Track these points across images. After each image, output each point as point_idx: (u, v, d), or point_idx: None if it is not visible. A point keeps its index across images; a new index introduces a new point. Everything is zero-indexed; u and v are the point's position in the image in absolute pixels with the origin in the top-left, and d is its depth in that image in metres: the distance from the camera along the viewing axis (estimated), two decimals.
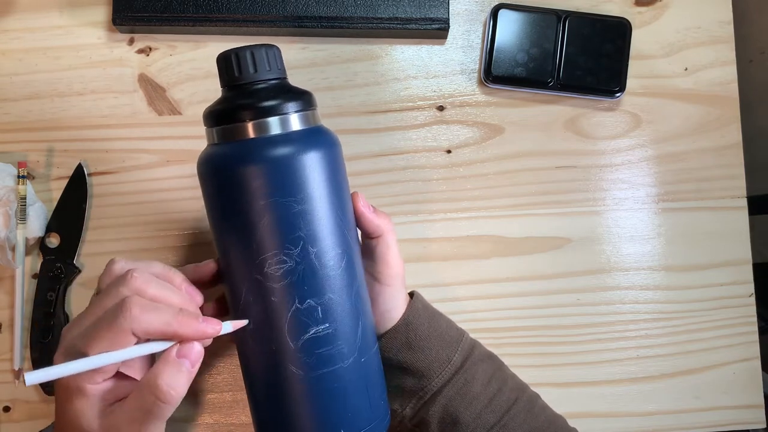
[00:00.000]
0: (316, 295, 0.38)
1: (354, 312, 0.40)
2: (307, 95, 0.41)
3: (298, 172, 0.37)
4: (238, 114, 0.38)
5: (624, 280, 0.58)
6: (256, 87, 0.39)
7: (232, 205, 0.38)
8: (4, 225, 0.53)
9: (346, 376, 0.39)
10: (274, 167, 0.37)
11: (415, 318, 0.45)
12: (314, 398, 0.39)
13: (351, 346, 0.39)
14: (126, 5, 0.55)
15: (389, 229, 0.44)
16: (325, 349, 0.39)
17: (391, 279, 0.45)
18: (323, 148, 0.39)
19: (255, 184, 0.37)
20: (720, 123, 0.58)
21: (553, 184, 0.58)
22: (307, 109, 0.40)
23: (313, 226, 0.38)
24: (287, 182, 0.37)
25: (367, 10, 0.55)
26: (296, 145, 0.38)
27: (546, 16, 0.56)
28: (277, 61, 0.40)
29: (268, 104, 0.38)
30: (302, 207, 0.37)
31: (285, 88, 0.40)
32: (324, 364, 0.39)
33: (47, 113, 0.57)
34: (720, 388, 0.57)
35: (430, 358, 0.45)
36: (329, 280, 0.39)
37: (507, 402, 0.45)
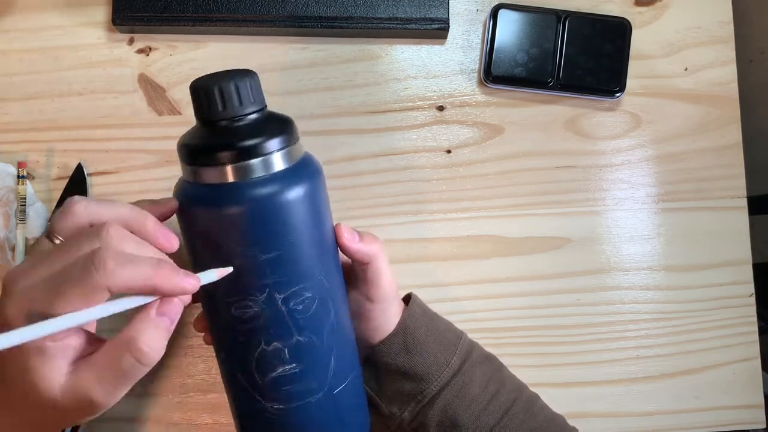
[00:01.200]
0: (282, 338, 0.37)
1: (326, 350, 0.39)
2: (289, 127, 0.37)
3: (273, 219, 0.35)
4: (215, 156, 0.35)
5: (624, 280, 0.58)
6: (234, 125, 0.36)
7: (204, 246, 0.37)
8: (3, 225, 0.53)
9: (317, 410, 0.39)
10: (248, 215, 0.35)
11: (413, 322, 0.45)
12: (284, 429, 0.39)
13: (321, 381, 0.39)
14: (126, 5, 0.55)
15: (378, 254, 0.43)
16: (293, 386, 0.38)
17: (382, 299, 0.44)
18: (304, 187, 0.36)
19: (226, 231, 0.35)
20: (720, 123, 0.58)
21: (553, 184, 0.58)
22: (289, 145, 0.37)
23: (283, 273, 0.36)
24: (259, 230, 0.35)
25: (367, 10, 0.55)
26: (276, 188, 0.35)
27: (546, 16, 0.56)
28: (256, 91, 0.36)
29: (248, 144, 0.35)
30: (272, 255, 0.35)
31: (266, 123, 0.37)
32: (292, 400, 0.38)
33: (47, 113, 0.57)
34: (720, 388, 0.57)
35: (428, 362, 0.45)
36: (297, 324, 0.37)
37: (506, 403, 0.45)
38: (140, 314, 0.33)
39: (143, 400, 0.55)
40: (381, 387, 0.46)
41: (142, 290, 0.33)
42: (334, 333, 0.39)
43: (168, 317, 0.33)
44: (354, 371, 0.42)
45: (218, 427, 0.55)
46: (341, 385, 0.40)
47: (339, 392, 0.40)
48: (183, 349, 0.56)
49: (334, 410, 0.40)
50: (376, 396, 0.46)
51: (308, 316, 0.37)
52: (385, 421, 0.46)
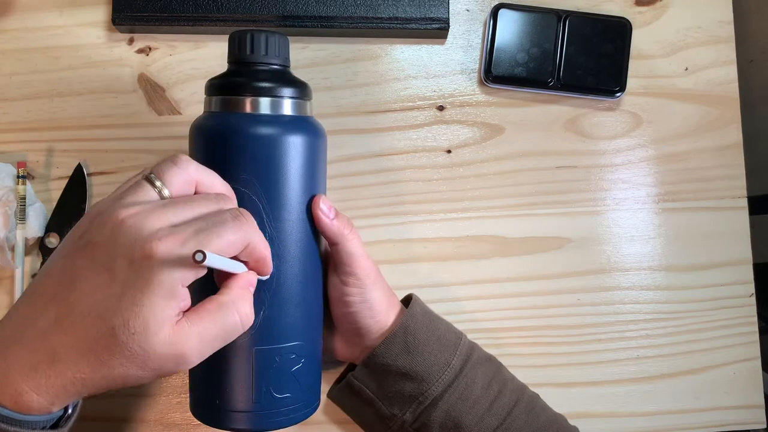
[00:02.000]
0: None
1: (255, 299, 0.38)
2: (303, 86, 0.43)
3: (272, 153, 0.40)
4: (235, 88, 0.41)
5: (624, 280, 0.58)
6: (258, 68, 0.42)
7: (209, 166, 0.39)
8: (3, 225, 0.52)
9: (235, 354, 0.40)
10: (252, 144, 0.40)
11: (413, 323, 0.45)
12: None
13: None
14: (126, 5, 0.55)
15: (347, 237, 0.43)
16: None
17: (360, 284, 0.44)
18: (304, 137, 0.41)
19: (231, 155, 0.40)
20: (720, 123, 0.58)
21: (553, 184, 0.58)
22: (299, 98, 0.42)
23: (270, 206, 0.40)
24: (259, 160, 0.40)
25: (367, 10, 0.55)
26: (279, 128, 0.41)
27: (546, 16, 0.56)
28: (282, 50, 0.42)
29: (264, 85, 0.41)
30: (261, 187, 0.40)
31: (284, 76, 0.42)
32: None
33: (47, 113, 0.57)
34: (720, 388, 0.57)
35: (429, 362, 0.45)
36: None
37: (508, 404, 0.45)
38: (241, 283, 0.36)
39: (143, 400, 0.55)
40: (381, 388, 0.46)
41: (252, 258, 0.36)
42: (271, 288, 0.41)
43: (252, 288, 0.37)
44: (287, 343, 0.41)
45: None
46: (266, 346, 0.41)
47: (261, 351, 0.41)
48: None
49: (250, 365, 0.40)
50: (376, 397, 0.46)
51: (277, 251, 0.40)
52: (386, 423, 0.46)
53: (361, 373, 0.46)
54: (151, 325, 0.31)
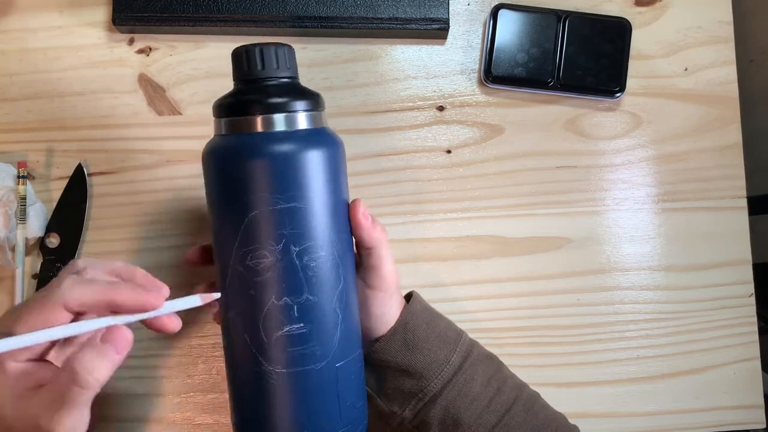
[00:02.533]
0: (293, 293, 0.38)
1: (333, 316, 0.39)
2: (316, 96, 0.41)
3: (293, 171, 0.38)
4: (246, 107, 0.39)
5: (624, 280, 0.58)
6: (267, 83, 0.40)
7: (227, 194, 0.39)
8: (4, 225, 0.53)
9: (317, 379, 0.39)
10: (271, 164, 0.38)
11: (413, 319, 0.45)
12: (281, 395, 0.39)
13: (326, 349, 0.39)
14: (126, 5, 0.55)
15: (382, 241, 0.44)
16: (298, 348, 0.39)
17: (384, 287, 0.44)
18: (324, 149, 0.39)
19: (250, 178, 0.37)
20: (720, 123, 0.58)
21: (553, 184, 0.58)
22: (314, 110, 0.40)
23: (300, 226, 0.38)
24: (281, 180, 0.38)
25: (367, 10, 0.55)
26: (297, 144, 0.38)
27: (546, 16, 0.56)
28: (290, 61, 0.40)
29: (276, 101, 0.39)
30: (291, 206, 0.38)
31: (295, 88, 0.41)
32: (295, 363, 0.39)
33: (47, 113, 0.57)
34: (720, 388, 0.57)
35: (428, 359, 0.45)
36: (309, 281, 0.38)
37: (507, 402, 0.45)
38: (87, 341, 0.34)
39: (143, 400, 0.55)
40: (381, 385, 0.46)
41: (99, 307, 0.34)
42: (342, 302, 0.40)
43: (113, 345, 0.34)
44: (356, 351, 0.42)
45: (218, 427, 0.55)
46: (344, 360, 0.40)
47: (341, 366, 0.40)
48: (183, 349, 0.56)
49: (334, 384, 0.40)
50: (375, 394, 0.46)
51: (320, 275, 0.39)
52: (385, 420, 0.46)
53: None
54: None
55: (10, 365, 0.33)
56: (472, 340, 0.48)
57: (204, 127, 0.56)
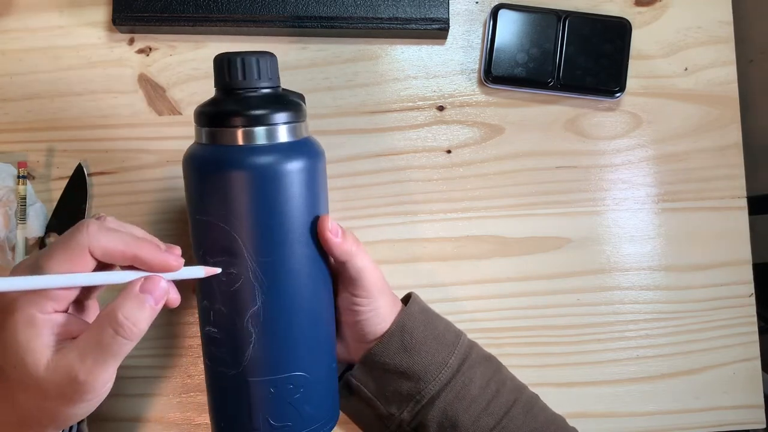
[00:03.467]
0: (209, 299, 0.40)
1: (244, 333, 0.40)
2: (297, 107, 0.41)
3: (225, 187, 0.38)
4: (225, 119, 0.39)
5: (624, 280, 0.58)
6: (249, 94, 0.40)
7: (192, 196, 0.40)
8: (4, 225, 0.53)
9: (228, 383, 0.41)
10: (195, 177, 0.39)
11: (410, 321, 0.45)
12: (210, 385, 0.43)
13: (236, 360, 0.40)
14: (126, 5, 0.55)
15: (355, 253, 0.43)
16: (213, 348, 0.41)
17: (368, 295, 0.44)
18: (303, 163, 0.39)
19: (187, 184, 0.40)
20: (720, 123, 0.58)
21: (553, 184, 0.58)
22: (295, 122, 0.40)
23: (211, 239, 0.39)
24: (202, 193, 0.39)
25: (367, 10, 0.55)
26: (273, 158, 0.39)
27: (546, 16, 0.56)
28: (272, 70, 0.40)
29: (258, 113, 0.39)
30: (205, 219, 0.39)
31: (277, 98, 0.40)
32: (212, 360, 0.42)
33: (47, 113, 0.57)
34: (720, 388, 0.57)
35: (426, 361, 0.45)
36: (220, 292, 0.40)
37: (506, 404, 0.45)
38: (125, 289, 0.34)
39: (143, 400, 0.55)
40: (379, 387, 0.46)
41: (123, 259, 0.34)
42: (257, 323, 0.40)
43: (151, 295, 0.34)
44: (282, 374, 0.41)
45: None
46: (259, 378, 0.40)
47: (255, 382, 0.40)
48: (183, 349, 0.56)
49: (246, 395, 0.41)
50: (374, 397, 0.46)
51: (230, 291, 0.39)
52: (383, 422, 0.46)
53: (359, 372, 0.46)
54: (26, 355, 0.32)
55: (39, 317, 0.33)
56: (471, 342, 0.48)
57: None
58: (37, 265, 0.33)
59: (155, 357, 0.55)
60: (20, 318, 0.33)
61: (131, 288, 0.34)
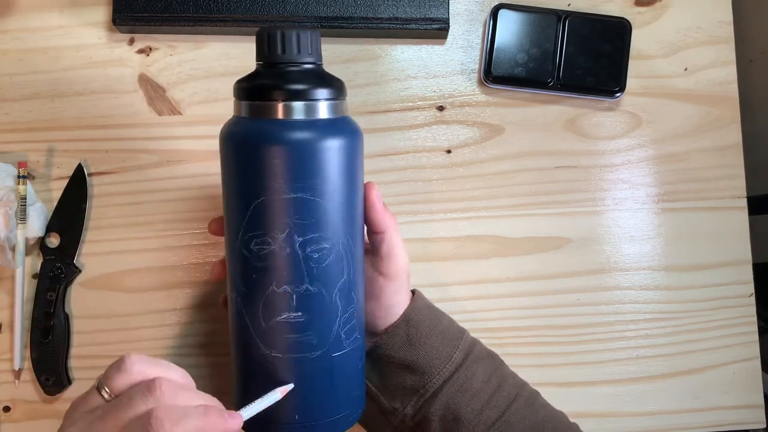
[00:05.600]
0: (293, 283, 0.38)
1: (332, 308, 0.39)
2: (337, 84, 0.40)
3: (306, 161, 0.37)
4: (266, 93, 0.38)
5: (624, 280, 0.58)
6: (290, 68, 0.39)
7: (239, 177, 0.38)
8: (4, 225, 0.53)
9: (312, 367, 0.39)
10: (284, 152, 0.37)
11: (416, 315, 0.46)
12: (277, 379, 0.39)
13: (323, 339, 0.39)
14: (126, 5, 0.55)
15: (394, 226, 0.44)
16: (295, 336, 0.39)
17: (395, 274, 0.45)
18: (340, 141, 0.39)
19: (263, 164, 0.37)
20: (720, 123, 0.58)
21: (553, 184, 0.58)
22: (334, 99, 0.39)
23: (306, 217, 0.38)
24: (292, 169, 0.37)
25: (367, 10, 0.55)
26: (313, 134, 0.38)
27: (546, 16, 0.56)
28: (315, 45, 0.39)
29: (296, 88, 0.38)
30: (298, 196, 0.37)
31: (319, 75, 0.40)
32: (291, 350, 0.39)
33: (47, 113, 0.57)
34: (720, 388, 0.57)
35: (431, 356, 0.45)
36: (310, 273, 0.38)
37: (508, 398, 0.45)
38: None
39: None
40: (383, 381, 0.46)
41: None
42: (343, 294, 0.40)
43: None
44: (356, 343, 0.42)
45: None
46: (341, 351, 0.40)
47: (338, 357, 0.40)
48: (183, 349, 0.56)
49: (329, 374, 0.40)
50: (377, 391, 0.46)
51: (322, 267, 0.38)
52: (387, 417, 0.46)
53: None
54: None
55: None
56: (474, 338, 0.48)
57: (204, 127, 0.56)
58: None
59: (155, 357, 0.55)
60: None
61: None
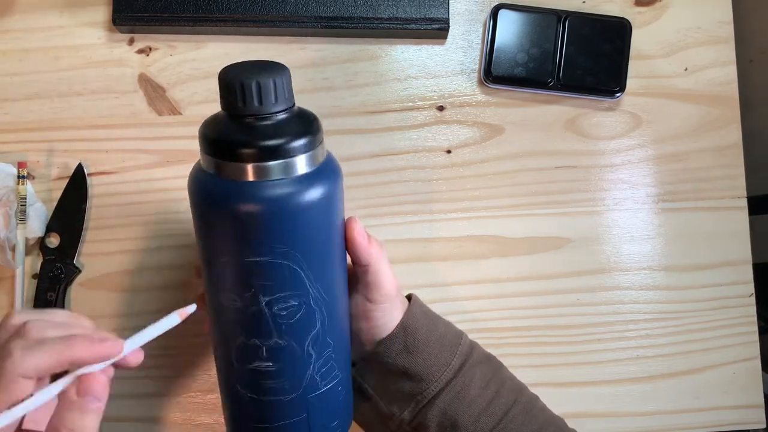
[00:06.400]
0: (262, 336, 0.38)
1: (305, 357, 0.39)
2: (314, 128, 0.36)
3: (274, 226, 0.35)
4: (238, 153, 0.34)
5: (624, 280, 0.58)
6: (262, 123, 0.35)
7: (204, 232, 0.37)
8: (4, 225, 0.53)
9: (286, 408, 0.40)
10: (252, 217, 0.35)
11: (413, 322, 0.45)
12: (253, 416, 0.40)
13: (295, 385, 0.39)
14: (126, 5, 0.55)
15: (379, 257, 0.43)
16: (266, 382, 0.39)
17: (383, 299, 0.44)
18: (315, 197, 0.36)
19: (226, 226, 0.35)
20: (720, 123, 0.58)
21: (553, 184, 0.58)
22: (312, 149, 0.36)
23: (270, 278, 0.36)
24: (258, 233, 0.35)
25: (367, 10, 0.55)
26: (287, 195, 0.35)
27: (546, 16, 0.56)
28: (286, 90, 0.35)
29: (271, 145, 0.34)
30: (262, 260, 0.35)
31: (293, 123, 0.36)
32: (264, 393, 0.39)
33: (47, 113, 0.57)
34: (720, 388, 0.57)
35: (428, 362, 0.45)
36: (279, 328, 0.37)
37: (505, 405, 0.45)
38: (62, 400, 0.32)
39: (143, 400, 0.55)
40: (381, 386, 0.46)
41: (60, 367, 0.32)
42: (317, 343, 0.39)
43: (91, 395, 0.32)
44: (336, 379, 0.41)
45: (218, 427, 0.55)
46: (318, 392, 0.40)
47: (314, 397, 0.40)
48: (183, 349, 0.56)
49: (304, 411, 0.40)
50: (376, 395, 0.46)
51: (291, 323, 0.38)
52: (384, 421, 0.46)
53: (361, 371, 0.46)
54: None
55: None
56: (472, 342, 0.48)
57: None
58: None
59: (155, 357, 0.55)
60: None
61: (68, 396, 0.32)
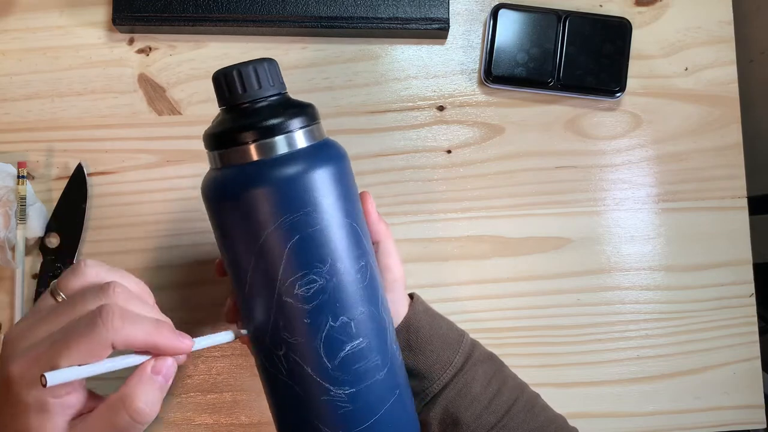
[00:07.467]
0: (348, 310, 0.37)
1: (383, 322, 0.39)
2: (310, 109, 0.38)
3: (310, 190, 0.36)
4: (239, 136, 0.36)
5: (624, 280, 0.58)
6: (256, 106, 0.37)
7: (248, 230, 0.36)
8: (4, 225, 0.53)
9: (383, 389, 0.38)
10: (285, 188, 0.35)
11: (416, 320, 0.45)
12: (356, 416, 0.38)
13: (384, 356, 0.38)
14: (126, 5, 0.55)
15: (388, 236, 0.44)
16: (362, 363, 0.37)
17: (390, 285, 0.44)
18: (333, 162, 0.37)
19: (269, 208, 0.35)
20: (720, 123, 0.58)
21: (553, 184, 0.58)
22: (311, 124, 0.37)
23: (336, 241, 0.36)
24: (301, 201, 0.35)
25: (367, 10, 0.55)
26: (305, 162, 0.36)
27: (546, 16, 0.56)
28: (276, 76, 0.37)
29: (270, 123, 0.36)
30: (322, 224, 0.36)
31: (286, 104, 0.38)
32: (362, 379, 0.37)
33: (47, 113, 0.57)
34: (720, 388, 0.57)
35: (431, 360, 0.45)
36: (359, 294, 0.37)
37: (507, 402, 0.45)
38: (136, 372, 0.34)
39: None
40: None
41: (142, 347, 0.34)
42: (385, 305, 0.40)
43: (163, 376, 0.34)
44: (397, 344, 0.41)
45: (218, 427, 0.55)
46: (398, 360, 0.40)
47: (398, 365, 0.40)
48: None
49: (396, 385, 0.39)
50: None
51: (366, 285, 0.38)
52: None
53: None
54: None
55: (51, 402, 0.32)
56: (474, 341, 0.48)
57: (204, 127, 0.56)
58: (52, 355, 0.32)
59: None
60: (32, 403, 0.32)
61: (143, 371, 0.33)
